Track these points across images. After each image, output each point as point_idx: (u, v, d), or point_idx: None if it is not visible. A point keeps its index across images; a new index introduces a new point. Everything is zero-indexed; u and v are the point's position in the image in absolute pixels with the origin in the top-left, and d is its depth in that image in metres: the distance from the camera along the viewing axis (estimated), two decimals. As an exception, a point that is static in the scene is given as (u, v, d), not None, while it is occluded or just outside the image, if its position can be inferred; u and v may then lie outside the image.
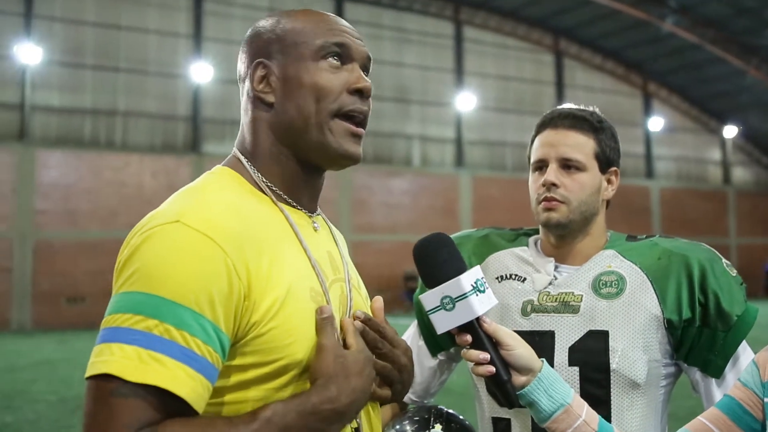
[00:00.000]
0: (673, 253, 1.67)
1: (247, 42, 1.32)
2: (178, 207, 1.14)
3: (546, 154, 1.73)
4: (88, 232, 21.28)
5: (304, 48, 1.25)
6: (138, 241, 1.10)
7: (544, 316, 1.69)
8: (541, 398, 1.34)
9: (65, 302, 20.76)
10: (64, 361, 12.17)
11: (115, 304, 1.08)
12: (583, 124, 1.74)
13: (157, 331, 1.03)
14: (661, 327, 1.63)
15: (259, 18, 1.36)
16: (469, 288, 1.28)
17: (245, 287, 1.10)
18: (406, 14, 27.69)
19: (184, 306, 1.04)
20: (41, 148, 21.25)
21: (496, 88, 29.18)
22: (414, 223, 25.63)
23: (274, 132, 1.27)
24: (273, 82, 1.26)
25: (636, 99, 33.08)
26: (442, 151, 28.00)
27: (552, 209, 1.70)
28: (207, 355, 1.05)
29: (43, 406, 8.51)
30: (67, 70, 22.12)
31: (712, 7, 27.74)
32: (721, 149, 35.57)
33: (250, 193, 1.25)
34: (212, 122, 24.04)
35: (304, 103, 1.24)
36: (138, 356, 1.02)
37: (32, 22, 21.65)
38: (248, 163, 1.28)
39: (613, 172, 1.78)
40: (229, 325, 1.09)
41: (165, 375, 1.02)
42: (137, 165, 22.30)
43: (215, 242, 1.09)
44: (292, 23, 1.28)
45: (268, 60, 1.27)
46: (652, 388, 1.65)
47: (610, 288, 1.67)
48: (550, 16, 29.44)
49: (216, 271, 1.07)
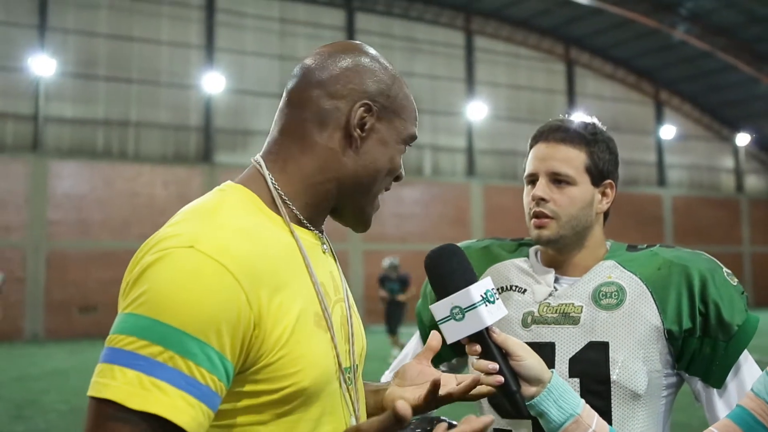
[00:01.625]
0: (674, 264, 1.66)
1: (358, 70, 1.28)
2: (192, 231, 1.12)
3: (536, 168, 1.73)
4: (101, 242, 21.38)
5: (401, 126, 1.31)
6: (149, 261, 1.09)
7: (544, 328, 1.69)
8: (550, 409, 1.33)
9: (77, 312, 20.84)
10: (76, 370, 12.21)
11: (121, 324, 1.08)
12: (574, 138, 1.72)
13: (161, 358, 1.03)
14: (661, 338, 1.63)
15: (270, 29, 1.35)
16: (478, 298, 1.29)
17: (256, 316, 1.10)
18: (416, 24, 27.74)
19: (191, 335, 1.04)
20: (54, 158, 21.38)
21: (507, 98, 29.17)
22: (425, 232, 25.61)
23: (338, 171, 1.27)
24: (368, 131, 1.27)
25: (648, 107, 32.99)
26: (453, 161, 27.99)
27: (542, 227, 1.70)
28: (210, 383, 1.05)
29: (54, 416, 8.53)
30: (80, 82, 22.27)
31: (723, 15, 27.67)
32: (733, 157, 35.40)
33: (263, 213, 1.23)
34: (224, 132, 24.14)
35: (380, 171, 1.30)
36: (140, 382, 1.02)
37: (46, 34, 21.83)
38: (271, 176, 1.26)
39: (608, 184, 1.76)
40: (234, 354, 1.08)
41: (165, 403, 1.02)
42: (149, 175, 22.40)
43: (229, 271, 1.08)
44: (403, 90, 1.33)
45: (374, 106, 1.27)
46: (653, 399, 1.64)
47: (610, 299, 1.66)
48: (561, 26, 29.44)
49: (227, 301, 1.07)
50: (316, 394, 1.17)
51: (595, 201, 1.74)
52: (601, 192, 1.75)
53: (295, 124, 1.27)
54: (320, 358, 1.18)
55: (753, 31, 28.18)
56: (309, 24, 25.34)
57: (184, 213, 1.19)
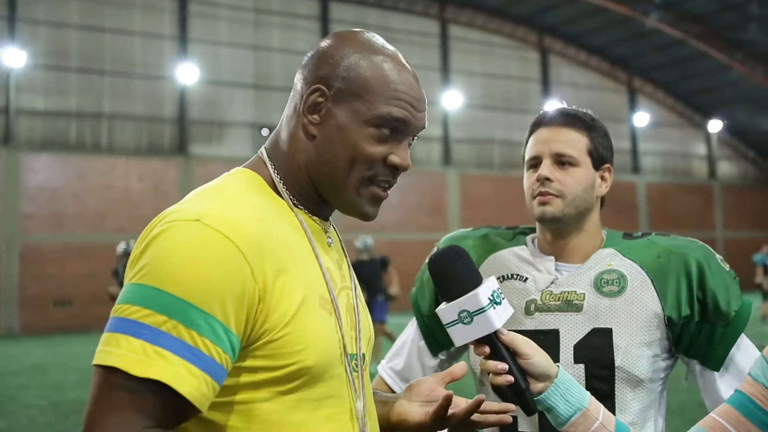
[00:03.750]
0: (672, 252, 1.70)
1: (318, 55, 1.27)
2: (199, 206, 1.14)
3: (540, 150, 1.76)
4: (76, 235, 21.18)
5: (365, 108, 1.22)
6: (156, 233, 1.11)
7: (547, 315, 1.72)
8: (558, 403, 1.35)
9: (53, 306, 20.66)
10: (55, 365, 12.10)
11: (126, 294, 1.08)
12: (575, 122, 1.78)
13: (164, 328, 1.04)
14: (661, 324, 1.67)
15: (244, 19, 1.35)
16: (486, 302, 1.29)
17: (261, 291, 1.11)
18: (391, 13, 27.68)
19: (195, 306, 1.05)
20: (27, 151, 21.12)
21: (482, 86, 29.20)
22: (402, 221, 25.59)
23: (306, 162, 1.26)
24: (323, 117, 1.24)
25: (621, 95, 33.19)
26: (429, 150, 27.99)
27: (547, 203, 1.72)
28: (215, 355, 1.06)
29: (35, 411, 8.47)
30: (52, 74, 21.99)
31: (696, 3, 27.86)
32: (706, 144, 35.74)
33: (269, 195, 1.25)
34: (199, 124, 23.96)
35: (341, 158, 1.23)
36: (143, 350, 1.03)
37: (16, 25, 21.50)
38: (273, 168, 1.28)
39: (606, 169, 1.82)
40: (240, 327, 1.09)
41: (168, 371, 1.03)
42: (124, 168, 22.19)
43: (235, 244, 1.09)
44: (370, 69, 1.24)
45: (328, 90, 1.23)
46: (653, 382, 1.70)
47: (612, 286, 1.70)
48: (535, 14, 29.50)
49: (231, 274, 1.08)
50: (319, 375, 1.17)
51: (596, 184, 1.79)
52: (601, 176, 1.81)
53: (286, 111, 1.31)
54: (325, 339, 1.18)
55: (725, 18, 28.42)
56: (283, 14, 25.19)
57: (193, 194, 1.21)
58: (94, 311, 20.46)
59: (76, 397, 9.12)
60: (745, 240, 34.21)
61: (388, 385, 1.94)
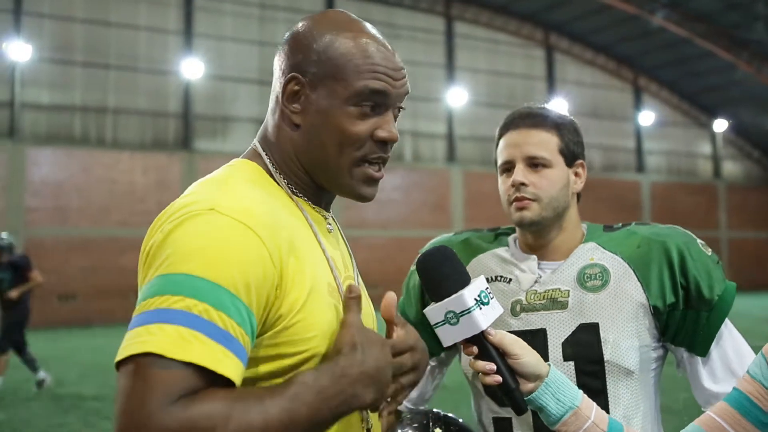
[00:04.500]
0: (652, 240, 1.70)
1: (291, 43, 1.27)
2: (209, 197, 1.12)
3: (512, 155, 1.76)
4: (79, 229, 21.21)
5: (341, 87, 1.21)
6: (170, 227, 1.08)
7: (533, 315, 1.71)
8: (549, 403, 1.34)
9: (57, 300, 20.69)
10: (57, 359, 12.13)
11: (150, 289, 1.03)
12: (544, 122, 1.76)
13: (196, 311, 0.99)
14: (647, 313, 1.67)
15: (249, 14, 1.34)
16: (472, 303, 1.28)
17: (278, 276, 1.10)
18: (396, 10, 27.65)
19: (222, 287, 1.02)
20: (31, 145, 21.15)
21: (487, 84, 29.18)
22: (405, 218, 25.61)
23: (294, 150, 1.26)
24: (303, 104, 1.24)
25: (627, 93, 33.13)
26: (433, 147, 27.98)
27: (524, 208, 1.72)
28: (240, 338, 1.03)
29: (36, 404, 8.49)
30: (57, 67, 22.01)
31: (702, 2, 27.80)
32: (711, 143, 35.68)
33: (271, 186, 1.25)
34: (203, 119, 23.97)
35: (328, 143, 1.23)
36: (179, 335, 0.98)
37: (21, 19, 21.53)
38: (269, 159, 1.28)
39: (580, 164, 1.80)
40: (260, 311, 1.08)
41: (208, 355, 0.98)
42: (128, 162, 22.21)
43: (252, 230, 1.08)
44: (341, 48, 1.22)
45: (303, 78, 1.23)
46: (645, 373, 1.69)
47: (595, 281, 1.70)
48: (541, 12, 29.45)
49: (253, 257, 1.06)
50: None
51: (570, 182, 1.77)
52: (575, 173, 1.79)
53: (270, 102, 1.31)
54: (335, 326, 1.17)
55: (731, 17, 28.35)
56: (288, 9, 25.18)
57: (196, 185, 1.20)
58: (97, 305, 20.51)
59: (78, 392, 9.13)
60: (749, 240, 34.17)
61: None
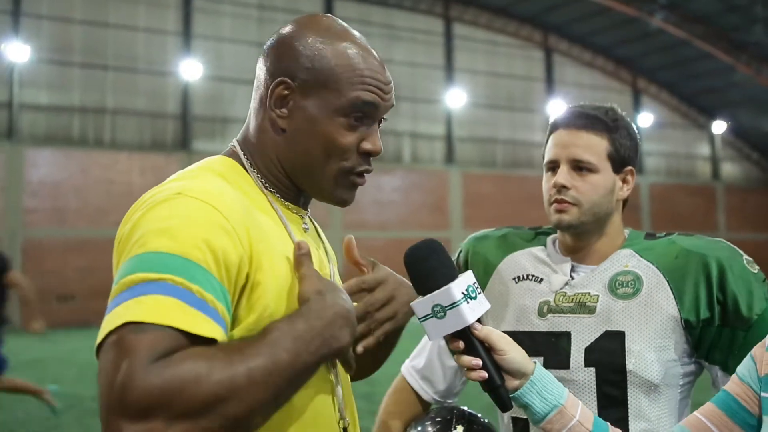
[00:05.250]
0: (691, 252, 1.64)
1: (278, 46, 1.26)
2: (178, 183, 1.14)
3: (557, 155, 1.71)
4: (77, 230, 21.19)
5: (333, 97, 1.21)
6: (141, 213, 1.09)
7: (560, 317, 1.68)
8: (534, 401, 1.33)
9: (55, 301, 20.66)
10: (55, 360, 12.11)
11: (125, 269, 1.02)
12: (596, 124, 1.70)
13: (172, 283, 0.99)
14: (678, 327, 1.62)
15: (248, 15, 1.33)
16: (459, 296, 1.27)
17: (248, 256, 1.09)
18: (395, 11, 27.65)
19: (195, 263, 1.02)
20: (30, 146, 21.12)
21: (486, 85, 29.18)
22: (405, 220, 25.61)
23: (277, 155, 1.26)
24: (291, 110, 1.23)
25: (625, 95, 33.13)
26: (432, 148, 27.98)
27: (563, 211, 1.68)
28: (219, 309, 1.02)
29: (33, 405, 8.47)
30: (56, 68, 21.99)
31: (701, 4, 27.81)
32: (710, 145, 35.69)
33: (246, 181, 1.25)
34: (202, 120, 23.96)
35: (314, 151, 1.23)
36: (156, 302, 0.97)
37: (20, 20, 21.50)
38: (247, 160, 1.28)
39: (629, 171, 1.74)
40: (230, 289, 1.07)
41: (188, 318, 0.97)
42: (126, 163, 22.19)
43: (219, 211, 1.08)
44: (332, 60, 1.22)
45: (293, 82, 1.22)
46: (670, 388, 1.64)
47: (627, 288, 1.65)
48: (540, 13, 29.45)
49: (221, 236, 1.06)
50: None
51: (616, 188, 1.73)
52: (622, 179, 1.74)
53: (253, 104, 1.31)
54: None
55: (730, 19, 28.36)
56: (287, 11, 25.14)
57: (170, 177, 1.21)
58: (95, 306, 20.46)
59: (75, 392, 9.12)
60: (748, 241, 34.11)
61: (409, 383, 1.93)
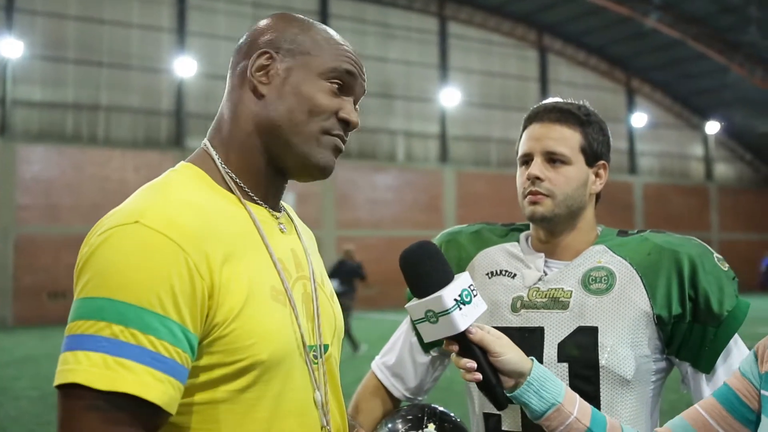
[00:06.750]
0: (664, 249, 1.66)
1: (254, 34, 1.31)
2: (139, 206, 1.13)
3: (531, 147, 1.72)
4: (71, 227, 21.11)
5: (316, 62, 1.26)
6: (97, 242, 1.09)
7: (533, 312, 1.68)
8: (531, 399, 1.34)
9: (47, 298, 20.60)
10: (47, 357, 12.08)
11: (77, 311, 1.06)
12: (569, 118, 1.72)
13: (123, 337, 1.02)
14: (650, 323, 1.63)
15: (243, 13, 1.35)
16: (451, 304, 1.27)
17: (209, 286, 1.09)
18: (390, 9, 27.63)
19: (148, 310, 1.03)
20: (23, 142, 21.05)
21: (480, 84, 29.20)
22: (398, 218, 25.60)
23: (255, 124, 1.26)
24: (272, 77, 1.26)
25: (619, 95, 33.20)
26: (426, 147, 27.99)
27: (537, 203, 1.69)
28: (175, 356, 1.04)
29: (25, 402, 8.46)
30: (49, 65, 21.92)
31: (695, 4, 27.87)
32: (703, 145, 35.79)
33: (214, 191, 1.23)
34: (196, 117, 23.91)
35: (297, 110, 1.24)
36: (104, 363, 1.01)
37: (13, 15, 21.43)
38: (217, 155, 1.28)
39: (601, 165, 1.77)
40: (196, 325, 1.08)
41: (133, 381, 1.01)
42: (120, 160, 22.14)
43: (176, 242, 1.07)
44: (311, 37, 1.29)
45: (276, 53, 1.26)
46: (642, 384, 1.65)
47: (600, 284, 1.66)
48: (534, 13, 29.48)
49: (178, 272, 1.06)
50: (274, 369, 1.16)
51: (589, 182, 1.75)
52: (595, 173, 1.76)
53: (226, 94, 1.32)
54: (278, 332, 1.17)
55: (724, 20, 28.43)
56: (282, 8, 25.09)
57: (137, 192, 1.20)
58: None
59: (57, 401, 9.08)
60: (740, 241, 34.28)
61: (380, 380, 1.92)
